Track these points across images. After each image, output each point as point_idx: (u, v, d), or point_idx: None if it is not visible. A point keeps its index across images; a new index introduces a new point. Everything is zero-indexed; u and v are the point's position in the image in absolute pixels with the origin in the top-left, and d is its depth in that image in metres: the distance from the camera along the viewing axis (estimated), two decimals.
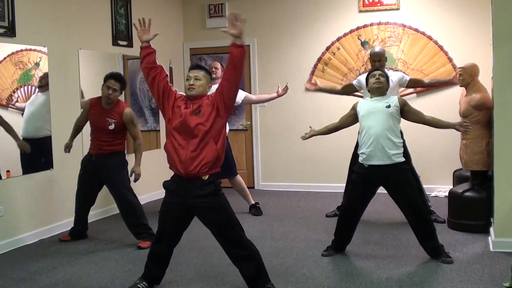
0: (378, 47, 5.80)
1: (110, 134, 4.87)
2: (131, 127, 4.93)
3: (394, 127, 4.27)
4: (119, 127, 4.88)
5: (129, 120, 4.91)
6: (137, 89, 6.91)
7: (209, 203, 3.49)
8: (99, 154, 4.90)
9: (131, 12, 6.61)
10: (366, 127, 4.30)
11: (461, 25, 6.69)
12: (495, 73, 4.53)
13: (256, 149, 7.64)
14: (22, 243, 5.03)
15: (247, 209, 6.11)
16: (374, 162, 4.22)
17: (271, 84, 7.53)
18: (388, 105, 4.27)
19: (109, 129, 4.84)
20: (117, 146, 4.93)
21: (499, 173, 4.51)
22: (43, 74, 5.34)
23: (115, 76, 4.92)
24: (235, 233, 3.54)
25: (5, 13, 4.85)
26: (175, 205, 3.57)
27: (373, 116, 4.28)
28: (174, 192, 3.56)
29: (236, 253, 3.56)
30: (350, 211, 4.43)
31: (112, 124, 4.85)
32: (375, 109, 4.29)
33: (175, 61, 7.59)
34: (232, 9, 7.58)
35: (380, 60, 5.42)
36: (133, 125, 4.94)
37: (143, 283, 3.73)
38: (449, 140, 6.58)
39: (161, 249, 3.70)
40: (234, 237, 3.54)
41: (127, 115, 4.90)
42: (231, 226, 3.54)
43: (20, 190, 5.08)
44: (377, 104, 4.31)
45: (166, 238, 3.66)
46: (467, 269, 4.06)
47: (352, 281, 3.91)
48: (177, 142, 3.50)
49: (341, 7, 7.14)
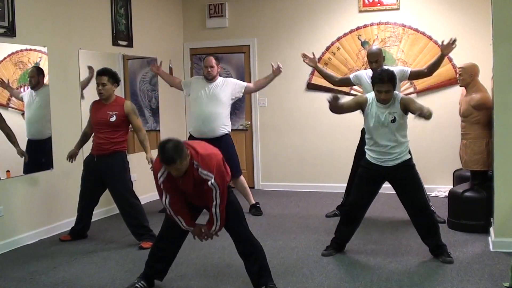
0: (374, 47, 5.71)
1: (111, 128, 4.86)
2: (133, 118, 4.94)
3: (401, 134, 4.26)
4: (121, 119, 4.88)
5: (131, 110, 4.93)
6: (137, 89, 6.92)
7: None
8: (100, 155, 4.90)
9: (131, 12, 6.61)
10: (374, 136, 4.29)
11: (461, 25, 6.69)
12: (495, 73, 4.53)
13: (256, 149, 7.64)
14: (22, 243, 5.03)
15: (247, 209, 6.11)
16: (381, 163, 4.27)
17: (271, 84, 7.52)
18: (393, 118, 4.20)
19: (110, 121, 4.84)
20: (118, 146, 4.93)
21: (499, 173, 4.51)
22: (30, 72, 5.24)
23: (100, 72, 4.94)
24: (243, 228, 3.67)
25: (5, 13, 4.86)
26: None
27: (381, 129, 4.23)
28: None
29: (243, 248, 3.66)
30: (356, 206, 4.44)
31: (114, 116, 4.85)
32: (382, 123, 4.21)
33: (175, 61, 7.59)
34: (232, 9, 7.59)
35: (377, 61, 5.29)
36: (135, 115, 4.98)
37: (141, 282, 3.75)
38: (449, 140, 6.59)
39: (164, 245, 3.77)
40: (242, 232, 3.66)
41: (128, 105, 4.96)
42: (240, 221, 3.66)
43: (20, 190, 5.08)
44: (384, 115, 4.21)
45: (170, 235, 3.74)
46: (467, 269, 4.06)
47: (352, 281, 3.91)
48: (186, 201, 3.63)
49: (341, 7, 7.13)
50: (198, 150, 3.42)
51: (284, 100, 7.50)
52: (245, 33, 7.56)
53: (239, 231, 3.67)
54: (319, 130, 7.31)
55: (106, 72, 4.92)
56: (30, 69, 5.23)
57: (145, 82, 7.01)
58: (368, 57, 5.45)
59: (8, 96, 5.07)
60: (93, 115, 4.99)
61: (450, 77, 6.71)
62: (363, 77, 5.43)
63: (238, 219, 3.67)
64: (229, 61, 7.66)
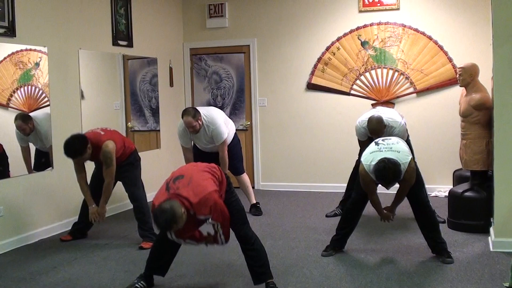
0: (374, 119, 5.12)
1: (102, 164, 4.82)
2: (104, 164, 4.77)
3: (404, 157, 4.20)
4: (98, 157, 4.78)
5: (102, 156, 4.73)
6: (137, 89, 6.92)
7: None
8: None
9: (131, 12, 6.61)
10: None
11: (461, 25, 6.69)
12: (495, 73, 4.53)
13: (256, 149, 7.64)
14: (22, 243, 5.03)
15: (247, 209, 6.11)
16: None
17: (271, 84, 7.56)
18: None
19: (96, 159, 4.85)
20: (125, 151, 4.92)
21: (499, 173, 4.51)
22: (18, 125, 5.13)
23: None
24: (246, 228, 3.71)
25: (5, 13, 4.86)
26: None
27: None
28: None
29: (245, 246, 3.70)
30: (359, 202, 4.45)
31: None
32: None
33: (175, 61, 7.59)
34: (232, 9, 7.59)
35: (377, 134, 5.01)
36: (105, 164, 4.74)
37: (141, 282, 3.75)
38: (449, 140, 6.59)
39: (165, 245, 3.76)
40: (244, 231, 3.69)
41: (103, 149, 4.72)
42: (242, 221, 3.70)
43: (20, 190, 5.08)
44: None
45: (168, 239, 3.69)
46: (467, 269, 4.06)
47: (352, 281, 3.91)
48: None
49: (341, 7, 7.13)
50: (191, 200, 3.36)
51: (284, 100, 7.49)
52: (245, 33, 7.55)
53: (242, 230, 3.70)
54: (319, 130, 7.31)
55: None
56: (16, 122, 5.13)
57: (145, 82, 7.01)
58: (370, 132, 5.17)
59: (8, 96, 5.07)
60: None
61: (450, 77, 6.71)
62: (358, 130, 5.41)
63: (241, 219, 3.70)
64: (229, 61, 7.66)
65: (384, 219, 4.45)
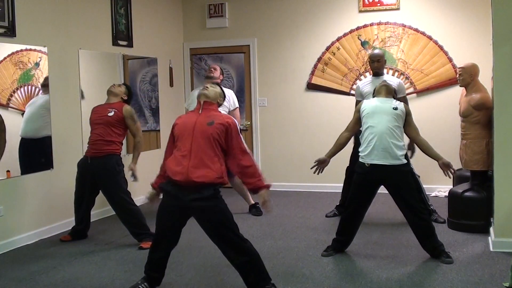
0: (377, 50, 5.79)
1: (107, 125, 4.89)
2: (129, 123, 4.99)
3: (398, 129, 4.28)
4: (118, 118, 4.93)
5: (128, 115, 4.98)
6: (137, 89, 6.91)
7: (208, 206, 3.45)
8: (94, 157, 4.91)
9: (131, 12, 6.61)
10: (370, 125, 4.30)
11: (461, 25, 6.69)
12: (495, 73, 4.53)
13: (256, 149, 7.64)
14: (22, 243, 5.04)
15: (247, 209, 6.11)
16: (375, 161, 4.22)
17: (271, 84, 7.56)
18: (396, 107, 4.30)
19: (108, 116, 4.90)
20: (111, 147, 4.92)
21: (499, 173, 4.51)
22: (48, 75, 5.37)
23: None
24: (234, 236, 3.49)
25: (5, 13, 4.86)
26: (173, 207, 3.55)
27: (379, 115, 4.28)
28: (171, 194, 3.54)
29: (236, 258, 3.49)
30: (354, 213, 4.42)
31: (112, 112, 4.92)
32: (381, 109, 4.30)
33: (175, 61, 7.60)
34: (232, 9, 7.59)
35: (379, 60, 5.48)
36: (133, 121, 5.01)
37: (145, 283, 3.71)
38: (449, 140, 6.58)
39: (159, 254, 3.66)
40: (233, 241, 3.49)
41: (127, 109, 5.00)
42: (231, 229, 3.49)
43: (20, 190, 5.08)
44: (384, 104, 4.32)
45: (165, 241, 3.63)
46: (467, 269, 4.06)
47: (352, 281, 3.91)
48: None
49: (341, 7, 7.13)
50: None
51: (284, 100, 7.50)
52: (245, 33, 7.56)
53: (230, 239, 3.47)
54: (319, 130, 7.30)
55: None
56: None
57: (145, 82, 7.02)
58: (371, 57, 5.56)
59: (8, 96, 5.07)
60: (93, 115, 5.04)
61: (450, 77, 6.71)
62: (364, 89, 5.52)
63: (230, 228, 3.49)
64: (229, 61, 7.66)
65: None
